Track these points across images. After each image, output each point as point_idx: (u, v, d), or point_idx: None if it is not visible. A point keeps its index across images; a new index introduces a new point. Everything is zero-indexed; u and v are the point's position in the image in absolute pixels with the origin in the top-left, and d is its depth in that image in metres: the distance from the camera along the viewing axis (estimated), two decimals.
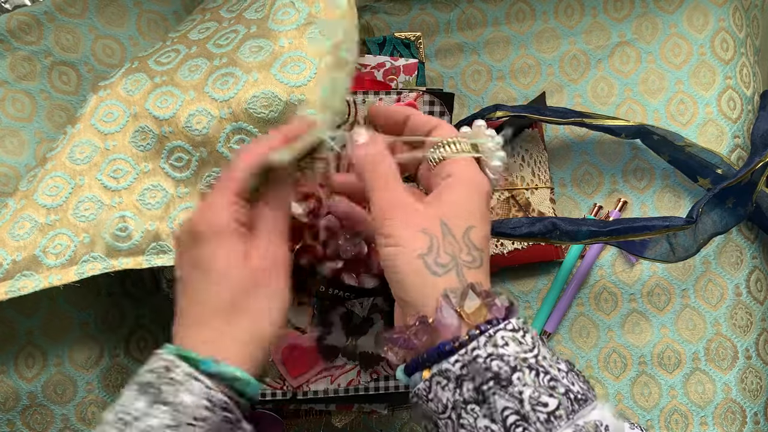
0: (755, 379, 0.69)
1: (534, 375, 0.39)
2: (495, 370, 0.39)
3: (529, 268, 0.70)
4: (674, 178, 0.71)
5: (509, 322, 0.40)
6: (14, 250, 0.54)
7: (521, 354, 0.39)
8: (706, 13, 0.72)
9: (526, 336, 0.40)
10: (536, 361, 0.39)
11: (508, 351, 0.39)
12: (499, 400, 0.38)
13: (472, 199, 0.45)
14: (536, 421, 0.38)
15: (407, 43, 0.63)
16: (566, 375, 0.40)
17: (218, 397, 0.42)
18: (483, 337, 0.39)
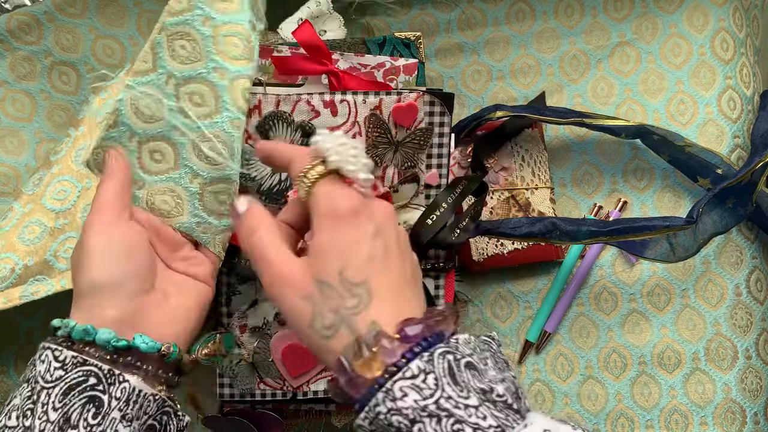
0: (755, 379, 0.69)
1: (435, 422, 0.37)
2: (396, 425, 0.38)
3: (529, 268, 0.70)
4: (674, 178, 0.71)
5: (408, 368, 0.38)
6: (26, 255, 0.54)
7: (421, 402, 0.37)
8: (706, 13, 0.72)
9: (428, 378, 0.38)
10: (437, 406, 0.37)
11: (407, 403, 0.37)
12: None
13: (336, 233, 0.42)
14: None
15: (407, 43, 0.63)
16: (476, 410, 0.37)
17: (66, 355, 0.44)
18: (380, 393, 0.38)
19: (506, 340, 0.69)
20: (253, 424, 0.61)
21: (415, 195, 0.59)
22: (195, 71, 0.51)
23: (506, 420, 0.37)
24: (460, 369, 0.38)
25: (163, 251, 0.52)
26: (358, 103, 0.57)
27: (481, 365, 0.40)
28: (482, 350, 0.41)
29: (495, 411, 0.38)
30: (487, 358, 0.41)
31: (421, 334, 0.40)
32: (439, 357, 0.38)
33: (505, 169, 0.69)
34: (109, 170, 0.50)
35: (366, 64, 0.60)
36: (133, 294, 0.47)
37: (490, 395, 0.38)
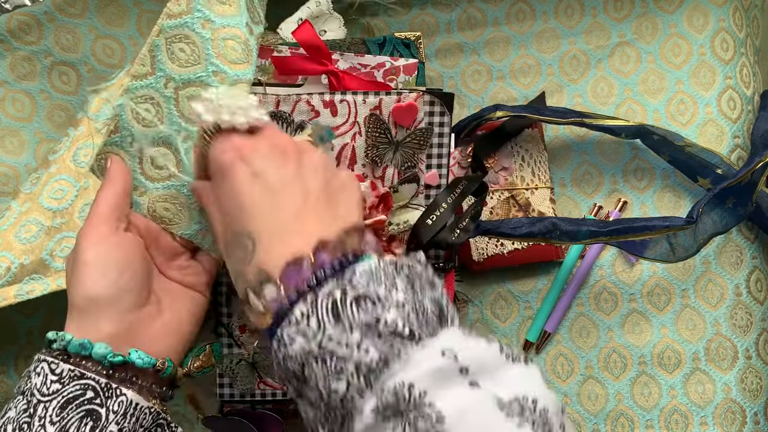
0: (755, 379, 0.69)
1: (321, 364, 0.37)
2: (292, 370, 0.38)
3: (529, 268, 0.70)
4: (674, 178, 0.71)
5: (292, 314, 0.38)
6: (22, 254, 0.54)
7: (306, 347, 0.38)
8: (706, 13, 0.72)
9: (311, 321, 0.38)
10: (321, 348, 0.37)
11: (295, 349, 0.38)
12: (308, 392, 0.38)
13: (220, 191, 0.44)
14: (336, 407, 0.37)
15: (407, 43, 0.63)
16: (358, 346, 0.37)
17: (63, 368, 0.44)
18: (274, 341, 0.39)
19: (506, 340, 0.69)
20: (253, 424, 0.61)
21: (415, 195, 0.59)
22: (195, 74, 0.51)
23: (391, 349, 0.37)
24: (345, 306, 0.38)
25: (160, 259, 0.52)
26: (358, 103, 0.57)
27: (382, 291, 0.38)
28: (390, 274, 0.40)
29: (379, 342, 0.37)
30: (396, 282, 0.39)
31: (305, 274, 0.39)
32: (323, 297, 0.38)
33: (505, 169, 0.69)
34: (109, 177, 0.51)
35: (366, 64, 0.60)
36: (128, 308, 0.47)
37: (376, 327, 0.37)
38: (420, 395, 0.35)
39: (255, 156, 0.44)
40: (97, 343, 0.45)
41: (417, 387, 0.35)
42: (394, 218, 0.59)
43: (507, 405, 0.35)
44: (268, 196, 0.43)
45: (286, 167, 0.44)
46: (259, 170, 0.43)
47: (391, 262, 0.41)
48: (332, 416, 0.38)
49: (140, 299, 0.48)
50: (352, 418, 0.37)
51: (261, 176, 0.43)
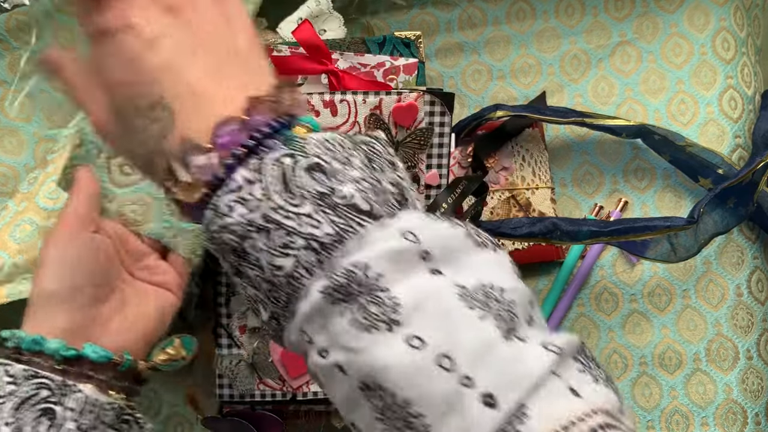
0: (756, 379, 0.69)
1: (265, 236, 0.32)
2: (228, 243, 0.33)
3: (530, 269, 0.70)
4: (675, 178, 0.71)
5: (233, 179, 0.33)
6: (16, 253, 0.54)
7: (247, 216, 0.33)
8: (707, 12, 0.72)
9: (254, 188, 0.33)
10: (265, 218, 0.32)
11: (234, 218, 0.33)
12: (248, 269, 0.34)
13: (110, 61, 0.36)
14: (280, 286, 0.33)
15: (407, 42, 0.63)
16: (309, 218, 0.32)
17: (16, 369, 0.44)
18: (208, 211, 0.34)
19: None
20: (252, 424, 0.61)
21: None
22: None
23: (347, 225, 0.32)
24: (295, 173, 0.33)
25: (128, 261, 0.53)
26: (358, 103, 0.57)
27: (336, 164, 0.33)
28: (348, 148, 0.35)
29: (333, 216, 0.32)
30: (353, 156, 0.34)
31: (238, 136, 0.34)
32: (272, 162, 0.33)
33: (506, 169, 0.69)
34: (76, 185, 0.51)
35: (366, 64, 0.60)
36: (86, 303, 0.47)
37: (331, 198, 0.33)
38: (375, 278, 0.31)
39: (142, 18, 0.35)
40: (51, 339, 0.45)
41: (372, 269, 0.31)
42: None
43: (470, 294, 0.31)
44: (174, 63, 0.35)
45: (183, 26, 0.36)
46: (153, 36, 0.35)
47: (348, 136, 0.36)
48: (275, 296, 0.34)
49: (99, 296, 0.48)
50: (297, 299, 0.33)
51: (157, 43, 0.35)
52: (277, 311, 0.34)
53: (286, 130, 0.35)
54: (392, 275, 0.31)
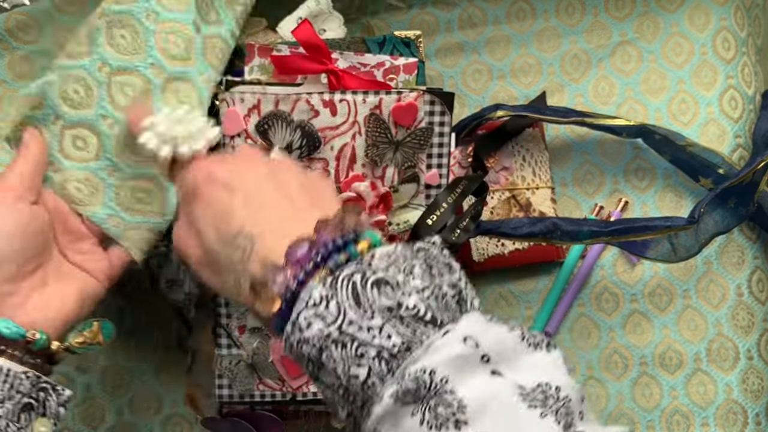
0: (757, 379, 0.69)
1: (341, 348, 0.37)
2: (306, 355, 0.38)
3: (530, 269, 0.69)
4: (676, 178, 0.71)
5: (311, 297, 0.37)
6: None
7: (325, 330, 0.37)
8: (708, 12, 0.72)
9: (331, 304, 0.37)
10: (341, 332, 0.37)
11: (312, 332, 0.37)
12: (325, 377, 0.38)
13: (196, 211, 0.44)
14: (356, 392, 0.37)
15: (407, 42, 0.63)
16: (380, 331, 0.36)
17: None
18: (288, 325, 0.38)
19: None
20: (252, 425, 0.61)
21: (415, 195, 0.59)
22: (132, 63, 0.51)
23: (413, 335, 0.36)
24: (365, 288, 0.37)
25: (64, 240, 0.52)
26: (358, 103, 0.57)
27: (400, 277, 0.38)
28: (409, 258, 0.39)
29: (401, 327, 0.36)
30: (414, 266, 0.39)
31: (309, 253, 0.39)
32: (343, 280, 0.37)
33: (506, 169, 0.69)
34: (23, 148, 0.51)
35: (366, 63, 0.60)
36: (8, 278, 0.47)
37: (398, 311, 0.37)
38: (441, 381, 0.34)
39: (224, 171, 0.44)
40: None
41: (438, 373, 0.35)
42: (394, 218, 0.59)
43: (529, 393, 0.35)
44: (251, 201, 0.43)
45: (256, 171, 0.45)
46: (234, 183, 0.43)
47: (407, 246, 0.40)
48: (352, 399, 0.37)
49: (22, 271, 0.48)
50: (372, 402, 0.36)
51: (237, 187, 0.43)
52: (353, 410, 0.37)
53: (352, 246, 0.39)
54: (456, 378, 0.34)
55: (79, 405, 0.63)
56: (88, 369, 0.63)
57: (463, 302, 0.39)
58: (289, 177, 0.45)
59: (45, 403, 0.47)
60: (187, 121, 0.47)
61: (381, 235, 0.42)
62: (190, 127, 0.46)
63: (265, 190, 0.44)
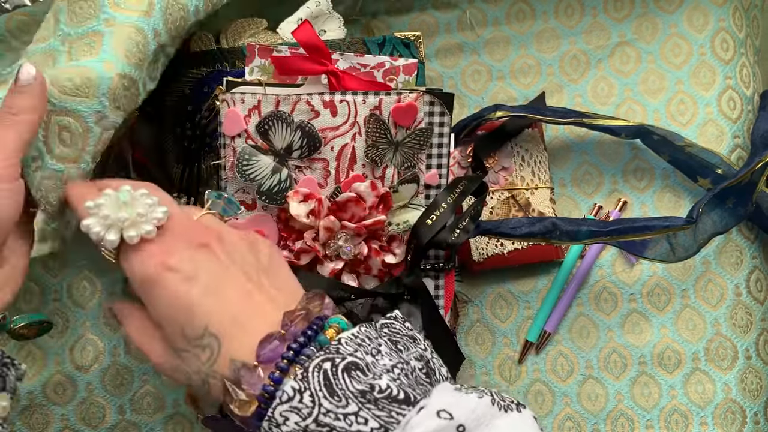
0: (755, 379, 0.69)
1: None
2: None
3: (529, 268, 0.70)
4: (674, 178, 0.71)
5: (284, 392, 0.38)
6: None
7: (301, 423, 0.37)
8: (706, 13, 0.72)
9: (304, 397, 0.37)
10: (317, 423, 0.37)
11: (289, 427, 0.37)
12: None
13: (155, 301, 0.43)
14: None
15: (407, 42, 0.63)
16: (356, 417, 0.37)
17: None
18: (265, 422, 0.38)
19: (506, 340, 0.69)
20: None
21: (414, 195, 0.59)
22: (89, 27, 0.50)
23: (390, 416, 0.37)
24: (337, 376, 0.38)
25: None
26: (358, 103, 0.57)
27: (369, 358, 0.39)
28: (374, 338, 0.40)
29: (376, 411, 0.37)
30: (380, 345, 0.40)
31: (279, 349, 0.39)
32: (314, 370, 0.38)
33: (505, 169, 0.69)
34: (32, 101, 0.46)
35: (366, 64, 0.60)
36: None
37: (372, 394, 0.37)
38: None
39: (179, 259, 0.43)
40: None
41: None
42: (393, 218, 0.59)
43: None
44: (212, 292, 0.42)
45: (213, 257, 0.44)
46: (190, 273, 0.42)
47: (371, 325, 0.41)
48: None
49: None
50: None
51: (196, 277, 0.42)
52: None
53: (320, 335, 0.40)
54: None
55: (80, 404, 0.63)
56: (89, 368, 0.63)
57: (432, 372, 0.40)
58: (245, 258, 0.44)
59: (5, 378, 0.46)
60: (133, 203, 0.44)
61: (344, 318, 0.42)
62: (138, 209, 0.44)
63: (226, 278, 0.43)
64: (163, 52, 0.55)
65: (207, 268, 0.43)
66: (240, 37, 0.62)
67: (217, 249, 0.44)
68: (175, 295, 0.42)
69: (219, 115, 0.57)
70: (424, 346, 0.41)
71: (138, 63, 0.51)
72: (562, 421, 0.68)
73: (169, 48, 0.56)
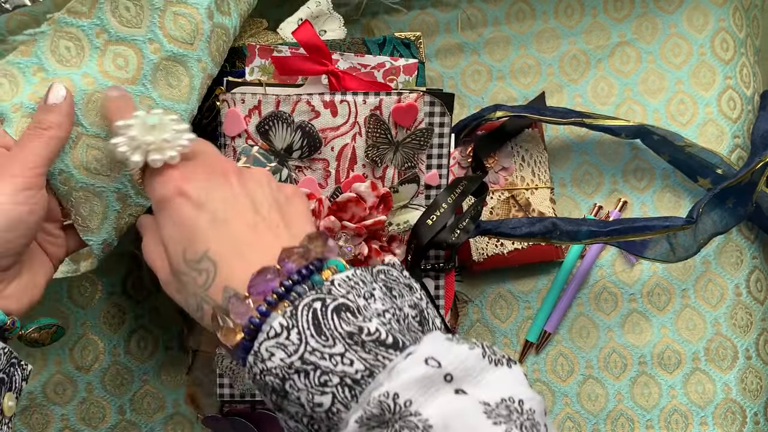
0: (755, 379, 0.69)
1: (303, 377, 0.37)
2: (270, 384, 0.37)
3: (529, 268, 0.70)
4: (674, 178, 0.71)
5: (271, 327, 0.37)
6: None
7: (287, 360, 0.37)
8: (706, 13, 0.72)
9: (292, 334, 0.37)
10: (303, 361, 0.37)
11: (274, 362, 0.37)
12: (289, 407, 0.38)
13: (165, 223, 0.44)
14: (320, 420, 0.37)
15: (407, 43, 0.63)
16: (342, 357, 0.36)
17: None
18: (251, 356, 0.38)
19: (506, 340, 0.69)
20: (253, 424, 0.61)
21: (415, 195, 0.59)
22: (131, 36, 0.50)
23: (376, 360, 0.36)
24: (326, 316, 0.37)
25: None
26: (358, 104, 0.57)
27: (361, 301, 0.38)
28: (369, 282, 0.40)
29: (363, 353, 0.36)
30: (374, 290, 0.39)
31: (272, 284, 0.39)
32: (303, 308, 0.37)
33: (505, 169, 0.69)
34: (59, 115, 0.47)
35: (366, 65, 0.60)
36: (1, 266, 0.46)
37: (359, 337, 0.37)
38: (405, 404, 0.35)
39: (194, 186, 0.44)
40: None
41: (402, 396, 0.35)
42: (394, 218, 0.59)
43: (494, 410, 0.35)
44: (218, 220, 0.42)
45: (227, 187, 0.44)
46: (202, 200, 0.43)
47: (367, 270, 0.40)
48: (316, 428, 0.37)
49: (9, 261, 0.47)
50: (337, 430, 0.36)
51: (205, 204, 0.43)
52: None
53: (316, 275, 0.40)
54: (420, 399, 0.35)
55: (80, 404, 0.63)
56: (89, 368, 0.63)
57: (426, 322, 0.40)
58: (262, 194, 0.45)
59: (13, 377, 0.46)
60: (161, 128, 0.45)
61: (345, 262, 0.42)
62: (164, 134, 0.45)
63: (235, 208, 0.43)
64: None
65: (218, 196, 0.43)
66: (240, 37, 0.62)
67: (233, 179, 0.45)
68: (182, 219, 0.43)
69: (219, 115, 0.57)
70: (420, 296, 0.41)
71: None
72: (562, 421, 0.68)
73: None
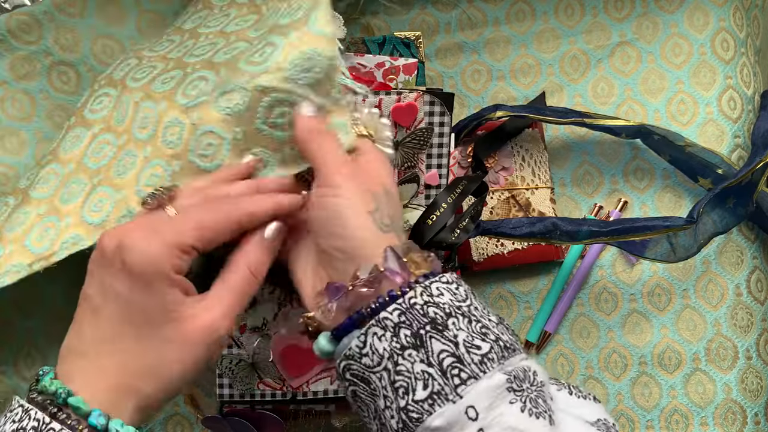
0: (756, 379, 0.69)
1: (467, 322, 0.41)
2: (431, 315, 0.40)
3: (529, 268, 0.70)
4: (675, 178, 0.71)
5: (443, 275, 0.42)
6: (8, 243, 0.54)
7: (455, 303, 0.41)
8: (707, 12, 0.72)
9: (460, 288, 0.42)
10: (469, 310, 0.41)
11: (443, 300, 0.41)
12: (436, 343, 0.40)
13: (387, 172, 0.49)
14: (470, 363, 0.39)
15: (407, 42, 0.63)
16: (496, 326, 0.42)
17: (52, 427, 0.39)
18: (419, 287, 0.41)
19: None
20: (252, 424, 0.61)
21: (415, 195, 0.59)
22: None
23: (516, 344, 0.42)
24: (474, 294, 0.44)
25: None
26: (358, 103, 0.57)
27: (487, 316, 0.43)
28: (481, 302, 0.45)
29: (508, 333, 0.43)
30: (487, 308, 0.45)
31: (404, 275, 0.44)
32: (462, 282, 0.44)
33: (505, 169, 0.69)
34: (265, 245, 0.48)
35: (365, 64, 0.60)
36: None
37: (502, 321, 0.43)
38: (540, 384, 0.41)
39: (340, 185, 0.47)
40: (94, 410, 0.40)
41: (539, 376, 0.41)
42: None
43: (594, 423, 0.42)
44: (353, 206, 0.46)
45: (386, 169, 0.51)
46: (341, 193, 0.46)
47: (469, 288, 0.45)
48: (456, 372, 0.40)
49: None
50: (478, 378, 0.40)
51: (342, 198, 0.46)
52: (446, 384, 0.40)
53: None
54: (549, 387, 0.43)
55: None
56: None
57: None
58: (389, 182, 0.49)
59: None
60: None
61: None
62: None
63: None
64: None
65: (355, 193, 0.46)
66: None
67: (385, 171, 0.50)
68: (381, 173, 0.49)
69: None
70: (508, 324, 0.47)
71: None
72: None
73: None
